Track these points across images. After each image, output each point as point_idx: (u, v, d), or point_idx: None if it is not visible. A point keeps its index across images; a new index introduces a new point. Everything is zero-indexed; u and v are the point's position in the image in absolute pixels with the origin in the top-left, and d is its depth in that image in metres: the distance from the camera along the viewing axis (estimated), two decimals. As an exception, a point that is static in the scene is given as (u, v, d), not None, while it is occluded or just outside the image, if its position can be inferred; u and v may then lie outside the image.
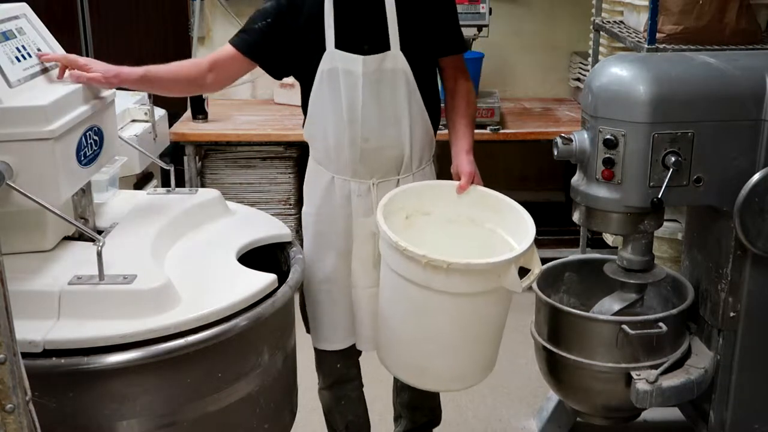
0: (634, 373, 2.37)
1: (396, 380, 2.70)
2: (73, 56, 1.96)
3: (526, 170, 4.56)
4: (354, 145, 2.24)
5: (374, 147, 2.25)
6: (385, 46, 2.18)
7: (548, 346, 2.52)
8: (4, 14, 1.83)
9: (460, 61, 2.38)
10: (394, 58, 2.18)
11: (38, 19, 1.95)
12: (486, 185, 2.38)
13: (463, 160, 2.31)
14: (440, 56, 2.34)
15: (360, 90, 2.18)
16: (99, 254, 1.62)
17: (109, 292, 1.61)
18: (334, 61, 2.18)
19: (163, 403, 1.63)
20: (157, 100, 3.36)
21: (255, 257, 1.95)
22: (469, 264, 1.96)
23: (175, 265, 1.80)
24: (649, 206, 2.24)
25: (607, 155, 2.23)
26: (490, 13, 3.91)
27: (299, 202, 4.12)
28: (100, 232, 1.83)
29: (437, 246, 2.12)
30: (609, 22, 3.52)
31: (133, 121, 3.36)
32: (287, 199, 4.05)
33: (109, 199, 2.14)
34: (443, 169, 3.74)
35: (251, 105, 4.35)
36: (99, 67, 1.97)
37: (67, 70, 1.93)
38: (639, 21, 3.18)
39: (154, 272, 1.68)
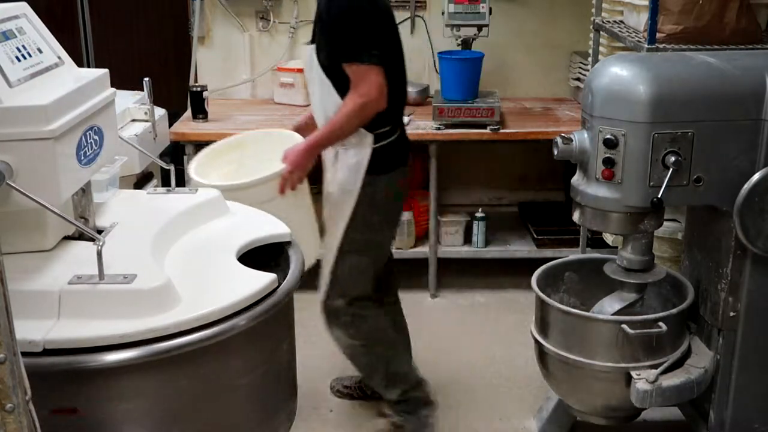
0: (634, 373, 2.37)
1: None
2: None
3: (526, 170, 4.55)
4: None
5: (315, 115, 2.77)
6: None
7: (548, 346, 2.52)
8: (4, 14, 1.82)
9: (350, 71, 2.55)
10: (312, 50, 2.66)
11: (38, 18, 1.94)
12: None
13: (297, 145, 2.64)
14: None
15: (306, 70, 2.78)
16: (99, 254, 1.61)
17: (109, 291, 1.61)
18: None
19: (163, 402, 1.63)
20: (157, 100, 3.36)
21: (255, 257, 1.95)
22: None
23: (175, 265, 1.80)
24: (649, 206, 2.24)
25: (607, 155, 2.23)
26: (490, 13, 3.91)
27: (299, 202, 4.12)
28: (100, 232, 1.83)
29: None
30: (609, 21, 3.52)
31: (133, 120, 3.36)
32: (287, 199, 4.04)
33: (109, 199, 2.14)
34: (443, 164, 3.73)
35: (251, 104, 4.35)
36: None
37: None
38: (639, 21, 3.18)
39: (154, 272, 1.68)
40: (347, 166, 2.65)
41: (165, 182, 3.55)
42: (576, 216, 2.42)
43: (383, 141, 2.65)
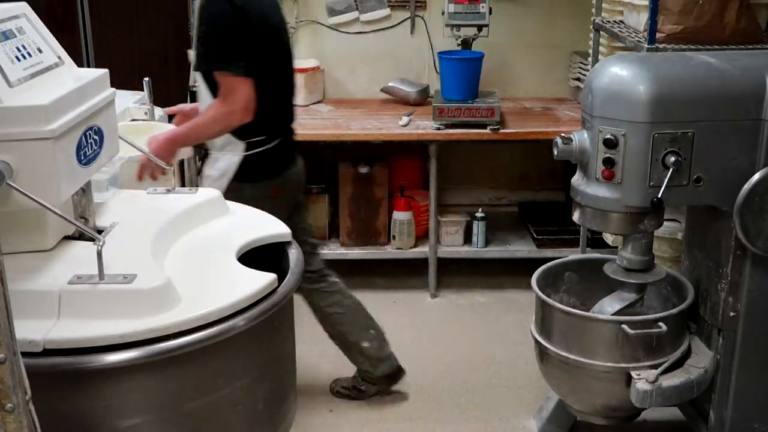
0: (634, 373, 2.37)
1: None
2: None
3: (526, 170, 4.55)
4: None
5: None
6: None
7: (548, 346, 2.52)
8: (4, 14, 1.82)
9: (220, 79, 2.59)
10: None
11: (38, 18, 1.94)
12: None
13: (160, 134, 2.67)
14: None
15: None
16: (99, 254, 1.61)
17: (109, 291, 1.61)
18: None
19: (163, 402, 1.63)
20: (157, 100, 3.36)
21: (255, 257, 1.95)
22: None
23: (175, 265, 1.80)
24: (649, 206, 2.24)
25: (607, 155, 2.23)
26: (490, 13, 3.92)
27: (299, 202, 4.12)
28: (100, 232, 1.82)
29: None
30: (609, 21, 3.52)
31: (133, 120, 3.36)
32: (287, 199, 4.04)
33: (109, 199, 2.14)
34: (443, 164, 3.74)
35: (251, 105, 4.34)
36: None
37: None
38: (639, 21, 3.18)
39: (154, 272, 1.68)
40: (216, 169, 2.73)
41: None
42: (576, 216, 2.42)
43: (255, 149, 2.69)
